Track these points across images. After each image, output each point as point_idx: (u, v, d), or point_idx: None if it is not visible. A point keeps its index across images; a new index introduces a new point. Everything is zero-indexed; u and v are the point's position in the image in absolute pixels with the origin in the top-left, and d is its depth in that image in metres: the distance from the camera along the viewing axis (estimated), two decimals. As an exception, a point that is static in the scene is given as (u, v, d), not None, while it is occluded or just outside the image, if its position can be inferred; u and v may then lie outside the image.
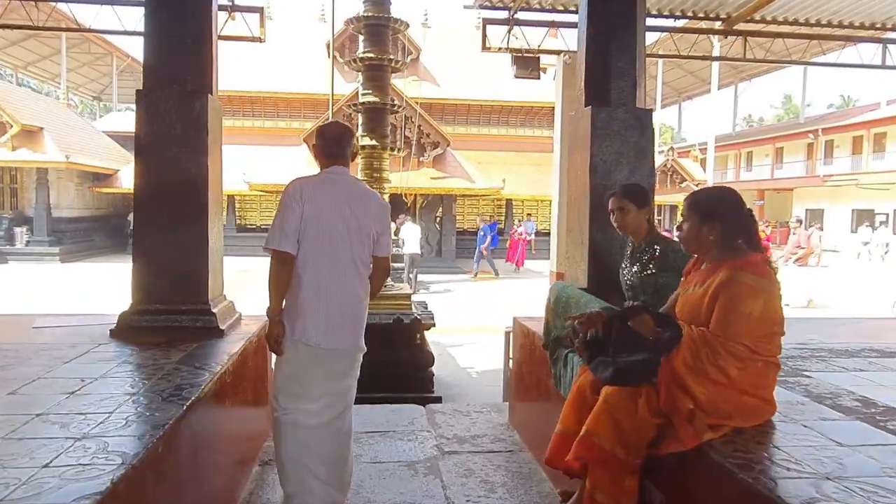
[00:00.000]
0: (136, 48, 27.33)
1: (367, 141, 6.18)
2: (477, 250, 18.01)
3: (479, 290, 15.06)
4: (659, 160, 28.92)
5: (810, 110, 58.76)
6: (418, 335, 6.04)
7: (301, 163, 18.04)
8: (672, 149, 29.22)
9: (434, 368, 6.34)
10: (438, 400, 5.94)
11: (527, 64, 7.55)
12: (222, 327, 3.22)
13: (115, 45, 28.78)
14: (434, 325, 6.02)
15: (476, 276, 17.83)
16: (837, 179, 33.45)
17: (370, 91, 6.19)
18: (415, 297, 6.35)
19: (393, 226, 12.83)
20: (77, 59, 29.71)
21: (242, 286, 14.62)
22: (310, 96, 23.31)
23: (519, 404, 4.06)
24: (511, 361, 5.56)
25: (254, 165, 21.34)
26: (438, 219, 19.60)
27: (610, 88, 3.44)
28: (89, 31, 9.04)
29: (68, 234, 20.40)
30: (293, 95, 23.46)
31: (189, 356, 2.76)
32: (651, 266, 2.75)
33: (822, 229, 22.66)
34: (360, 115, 6.39)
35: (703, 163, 32.50)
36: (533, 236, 24.29)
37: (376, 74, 6.23)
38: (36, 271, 16.71)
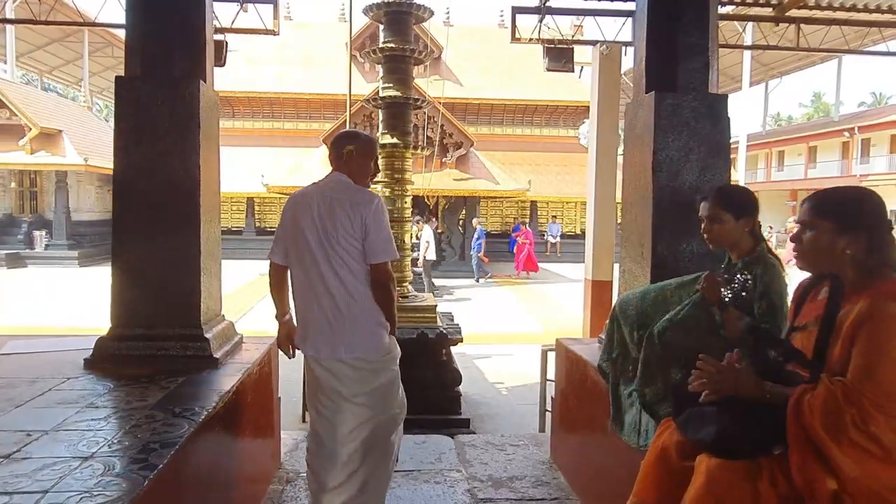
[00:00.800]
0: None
1: (387, 139, 5.66)
2: (474, 257, 17.35)
3: (503, 295, 14.49)
4: (688, 160, 28.06)
5: (841, 108, 57.13)
6: (444, 351, 5.50)
7: (320, 164, 17.63)
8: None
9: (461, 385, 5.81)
10: (466, 423, 5.41)
11: (560, 56, 6.98)
12: (217, 355, 2.72)
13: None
14: (461, 339, 5.48)
15: (478, 280, 17.24)
16: (875, 179, 32.26)
17: (391, 85, 5.68)
18: (439, 307, 5.84)
19: (414, 229, 12.46)
20: (101, 62, 29.75)
21: (261, 291, 14.26)
22: (330, 97, 22.95)
23: (564, 439, 3.51)
24: (550, 385, 5.02)
25: (273, 167, 21.04)
26: (461, 221, 19.04)
27: (677, 70, 2.88)
28: (92, 24, 8.67)
29: (88, 238, 20.24)
30: (313, 96, 23.12)
31: (170, 397, 2.26)
32: (742, 295, 2.18)
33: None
34: (380, 111, 5.89)
35: (733, 162, 31.53)
36: (558, 239, 23.67)
37: (398, 67, 5.71)
38: (55, 276, 16.51)
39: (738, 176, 30.46)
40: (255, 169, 21.03)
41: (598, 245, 7.09)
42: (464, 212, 19.02)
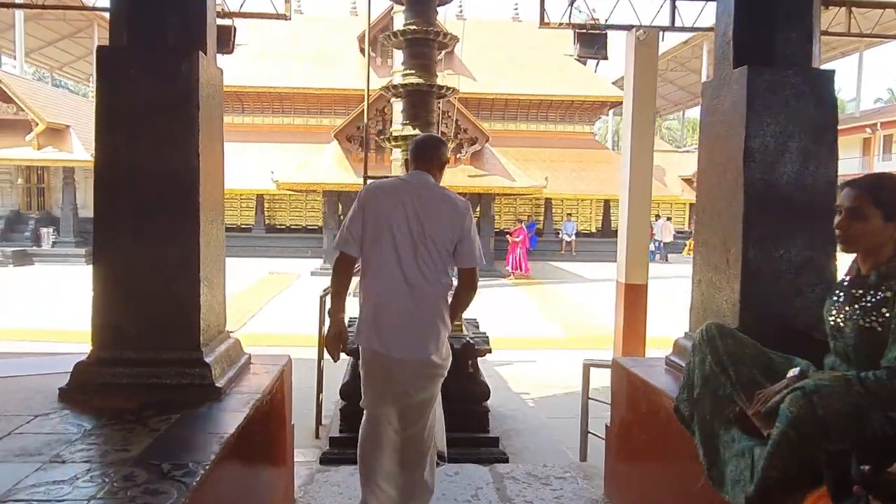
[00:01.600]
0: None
1: (408, 130, 5.20)
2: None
3: (517, 296, 13.98)
4: (706, 157, 27.40)
5: (857, 105, 55.98)
6: (471, 363, 5.02)
7: (331, 160, 17.21)
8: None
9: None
10: (496, 442, 4.93)
11: (592, 41, 6.49)
12: (220, 383, 2.26)
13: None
14: (490, 350, 5.01)
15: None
16: (897, 176, 31.43)
17: (413, 71, 5.21)
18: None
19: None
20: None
21: (270, 290, 13.86)
22: (341, 92, 22.49)
23: (622, 474, 3.02)
24: (589, 404, 4.55)
25: (283, 163, 20.62)
26: (476, 219, 18.57)
27: (775, 40, 2.38)
28: (92, 9, 8.25)
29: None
30: (323, 91, 22.67)
31: (160, 444, 1.80)
32: (882, 312, 1.70)
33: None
34: (395, 102, 5.43)
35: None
36: (574, 237, 23.13)
37: (420, 51, 5.24)
38: (62, 274, 16.16)
39: (758, 173, 29.78)
40: (265, 165, 20.60)
41: (632, 246, 6.59)
42: (478, 209, 18.52)
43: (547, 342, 9.26)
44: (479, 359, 5.09)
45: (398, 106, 14.11)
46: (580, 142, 24.82)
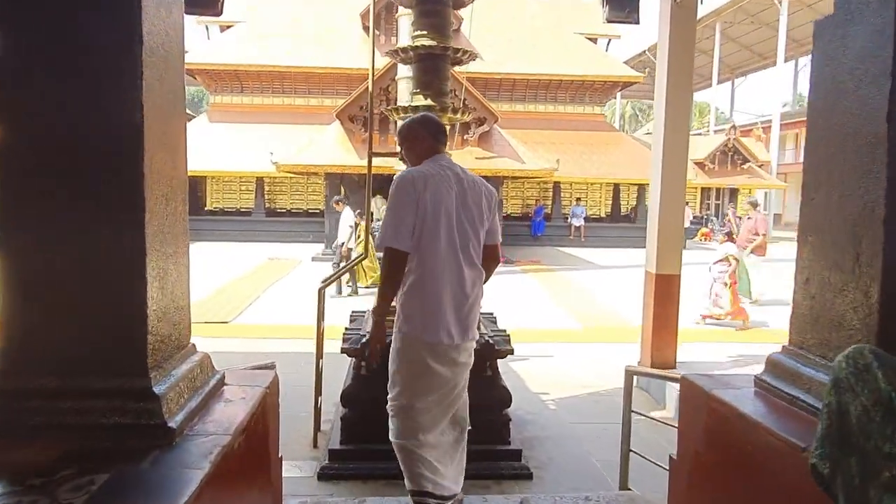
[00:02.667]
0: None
1: (419, 100, 4.56)
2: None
3: (528, 283, 13.37)
4: (719, 140, 26.62)
5: None
6: (489, 364, 4.42)
7: (334, 141, 16.54)
8: (734, 127, 26.87)
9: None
10: (518, 455, 4.35)
11: (622, 4, 5.79)
12: (175, 422, 1.64)
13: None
14: (512, 351, 4.40)
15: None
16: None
17: (425, 32, 4.55)
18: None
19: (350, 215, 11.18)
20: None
21: (269, 277, 13.26)
22: (343, 71, 21.77)
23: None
24: (629, 424, 3.96)
25: (284, 145, 19.95)
26: (483, 203, 17.86)
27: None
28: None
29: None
30: (325, 70, 21.94)
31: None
32: None
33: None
34: (408, 66, 4.78)
35: (765, 141, 30.02)
36: (583, 222, 22.48)
37: (433, 9, 4.58)
38: None
39: (773, 156, 29.00)
40: (265, 146, 19.94)
41: (664, 233, 5.95)
42: (485, 193, 17.84)
43: (563, 335, 8.66)
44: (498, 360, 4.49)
45: (403, 84, 13.40)
46: (590, 123, 24.07)
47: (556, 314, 10.14)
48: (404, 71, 13.33)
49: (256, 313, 9.63)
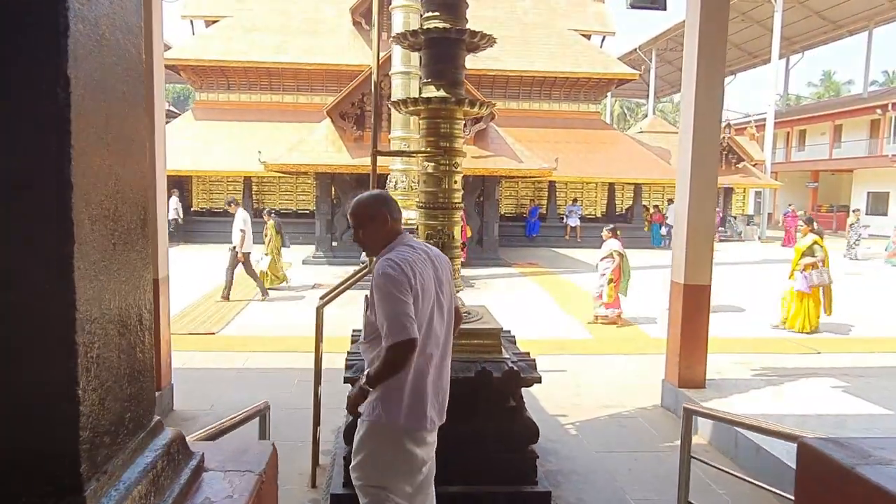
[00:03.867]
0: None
1: (430, 91, 4.00)
2: None
3: (528, 287, 12.85)
4: (714, 138, 26.23)
5: (852, 88, 54.65)
6: (513, 394, 3.87)
7: (324, 140, 15.92)
8: (729, 125, 26.53)
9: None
10: (547, 498, 3.80)
11: (648, -11, 5.29)
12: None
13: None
14: (539, 379, 3.85)
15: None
16: (909, 159, 30.47)
17: (437, 14, 3.99)
18: (465, 295, 4.13)
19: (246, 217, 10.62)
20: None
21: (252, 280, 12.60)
22: (334, 67, 21.15)
23: None
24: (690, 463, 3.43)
25: (272, 144, 19.30)
26: (479, 203, 17.33)
27: None
28: None
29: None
30: (315, 67, 21.29)
31: None
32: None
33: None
34: (418, 54, 4.22)
35: (759, 140, 29.73)
36: (578, 222, 22.02)
37: (446, -11, 4.01)
38: None
39: (766, 155, 28.70)
40: (253, 145, 19.30)
41: (693, 239, 5.44)
42: (480, 192, 17.31)
43: (574, 345, 8.14)
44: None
45: (398, 80, 12.79)
46: (586, 122, 23.63)
47: (563, 321, 9.62)
48: (399, 66, 12.75)
49: (246, 322, 9.02)
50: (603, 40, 26.02)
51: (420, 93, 4.13)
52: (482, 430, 3.75)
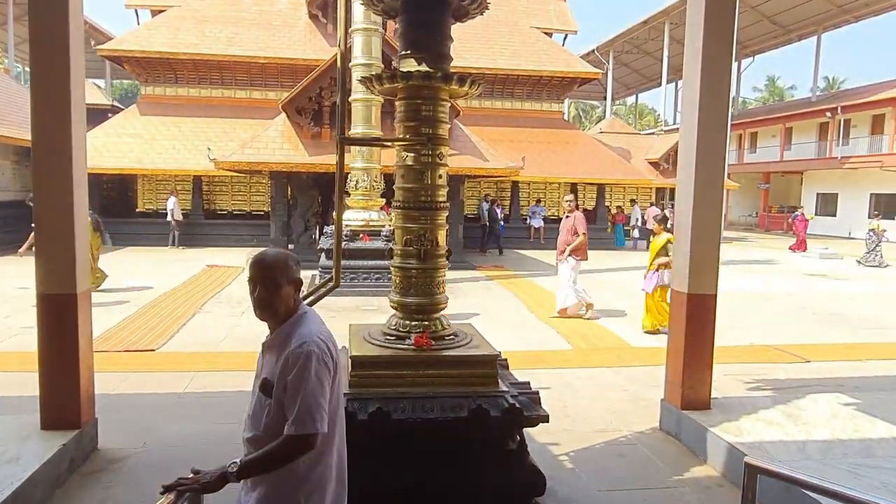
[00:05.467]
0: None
1: (411, 65, 3.29)
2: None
3: (502, 293, 12.24)
4: (674, 139, 26.20)
5: (795, 93, 55.99)
6: (513, 437, 3.19)
7: (279, 136, 14.98)
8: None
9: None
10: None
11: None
12: None
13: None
14: (546, 417, 3.17)
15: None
16: (856, 162, 31.17)
17: (417, -27, 3.28)
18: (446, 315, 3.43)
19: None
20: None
21: (208, 289, 11.67)
22: (289, 62, 20.17)
23: None
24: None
25: (224, 141, 18.23)
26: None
27: None
28: None
29: (5, 221, 17.22)
30: (269, 61, 20.24)
31: None
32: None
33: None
34: (395, 22, 3.50)
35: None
36: (542, 223, 21.57)
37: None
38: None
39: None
40: (203, 142, 18.19)
41: (698, 244, 4.88)
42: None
43: (554, 357, 7.53)
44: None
45: (358, 72, 11.90)
46: (548, 121, 23.24)
47: (539, 330, 9.01)
48: (360, 58, 11.88)
49: (192, 336, 8.10)
50: (565, 38, 25.70)
51: (399, 65, 3.41)
52: (476, 480, 3.06)
